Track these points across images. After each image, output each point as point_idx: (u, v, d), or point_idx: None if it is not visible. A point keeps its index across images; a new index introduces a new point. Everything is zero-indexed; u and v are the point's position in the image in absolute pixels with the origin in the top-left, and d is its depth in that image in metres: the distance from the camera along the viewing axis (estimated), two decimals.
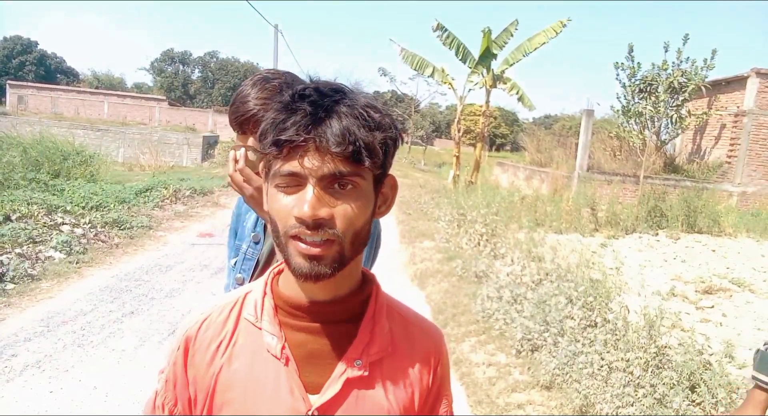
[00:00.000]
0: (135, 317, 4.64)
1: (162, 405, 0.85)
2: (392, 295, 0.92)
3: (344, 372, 0.79)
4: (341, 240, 0.72)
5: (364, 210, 0.74)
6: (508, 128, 49.94)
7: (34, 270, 5.51)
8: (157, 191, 10.69)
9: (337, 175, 0.70)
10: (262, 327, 0.81)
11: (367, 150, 0.71)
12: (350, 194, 0.72)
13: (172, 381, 0.84)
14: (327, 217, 0.70)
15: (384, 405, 0.80)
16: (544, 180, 14.97)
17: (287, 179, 0.71)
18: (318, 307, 0.79)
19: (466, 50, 14.42)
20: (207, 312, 0.86)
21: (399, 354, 0.84)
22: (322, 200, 0.70)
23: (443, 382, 0.90)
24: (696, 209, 10.46)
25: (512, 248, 6.82)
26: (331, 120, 0.69)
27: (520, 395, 3.61)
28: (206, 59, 52.03)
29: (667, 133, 14.72)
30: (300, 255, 0.72)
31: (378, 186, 0.78)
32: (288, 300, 0.80)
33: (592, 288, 4.38)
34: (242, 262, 1.44)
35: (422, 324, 0.91)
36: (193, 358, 0.82)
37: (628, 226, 10.07)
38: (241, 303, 0.85)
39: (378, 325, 0.83)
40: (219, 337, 0.82)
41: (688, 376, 3.27)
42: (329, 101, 0.71)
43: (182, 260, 6.58)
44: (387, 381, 0.81)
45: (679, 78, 13.32)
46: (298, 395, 0.77)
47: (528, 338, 4.15)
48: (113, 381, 3.50)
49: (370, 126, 0.72)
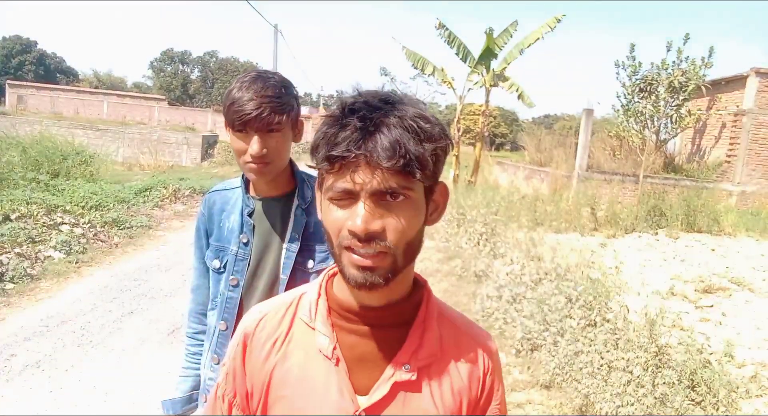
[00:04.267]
0: (134, 317, 4.63)
1: (222, 396, 0.88)
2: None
3: (393, 375, 0.80)
4: (394, 252, 0.73)
5: (416, 221, 0.76)
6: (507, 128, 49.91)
7: (34, 269, 5.51)
8: (157, 191, 10.69)
9: (389, 189, 0.71)
10: (315, 328, 0.83)
11: (418, 162, 0.71)
12: (402, 206, 0.73)
13: (231, 374, 0.88)
14: (379, 230, 0.72)
15: (431, 409, 0.81)
16: (543, 179, 14.97)
17: (341, 193, 0.72)
18: (370, 312, 0.81)
19: (466, 50, 14.44)
20: (265, 310, 0.89)
21: (448, 361, 0.85)
22: (374, 214, 0.71)
23: (493, 393, 0.89)
24: (695, 208, 10.46)
25: (512, 247, 6.81)
26: (381, 134, 0.70)
27: (519, 394, 3.61)
28: (206, 59, 51.97)
29: (666, 132, 14.72)
30: (353, 266, 0.74)
31: (429, 194, 0.79)
32: (341, 303, 0.83)
33: (591, 288, 4.38)
34: (234, 263, 1.44)
35: (473, 332, 0.91)
36: (250, 354, 0.85)
37: (628, 226, 10.06)
38: (297, 303, 0.88)
39: (428, 331, 0.84)
40: (274, 335, 0.85)
41: (688, 375, 3.27)
42: (378, 114, 0.72)
43: (182, 260, 6.57)
44: (435, 387, 0.82)
45: (680, 77, 13.32)
46: (346, 395, 0.79)
47: (528, 337, 4.15)
48: (113, 381, 3.50)
49: (421, 138, 0.72)
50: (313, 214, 1.42)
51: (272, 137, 1.32)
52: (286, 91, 1.34)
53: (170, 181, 11.85)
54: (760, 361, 4.27)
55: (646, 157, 13.13)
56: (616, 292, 4.31)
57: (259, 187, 1.45)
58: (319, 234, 1.42)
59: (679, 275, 7.00)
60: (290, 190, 1.46)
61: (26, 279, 5.25)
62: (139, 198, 9.97)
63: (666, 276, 6.89)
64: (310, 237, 1.43)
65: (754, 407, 3.43)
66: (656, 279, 6.65)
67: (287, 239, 1.42)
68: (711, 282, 6.57)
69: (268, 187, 1.44)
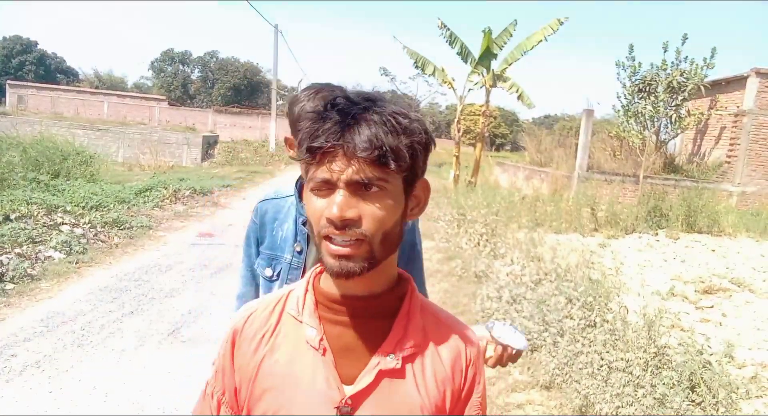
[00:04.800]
0: (135, 317, 4.64)
1: (211, 394, 0.91)
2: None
3: (378, 364, 0.83)
4: (370, 240, 0.76)
5: (393, 212, 0.78)
6: (508, 128, 49.87)
7: (34, 270, 5.51)
8: (157, 191, 10.70)
9: (364, 178, 0.74)
10: (303, 321, 0.86)
11: (394, 154, 0.74)
12: (378, 196, 0.76)
13: (221, 371, 0.90)
14: (355, 218, 0.75)
15: (415, 397, 0.83)
16: (543, 180, 14.97)
17: (320, 183, 0.76)
18: (354, 302, 0.84)
19: (467, 50, 14.47)
20: (253, 307, 0.92)
21: (432, 351, 0.87)
22: (349, 202, 0.75)
23: (475, 385, 0.91)
24: (696, 209, 10.45)
25: (512, 248, 6.81)
26: (359, 127, 0.74)
27: (519, 395, 3.62)
28: (206, 59, 51.87)
29: (666, 132, 14.72)
30: (330, 255, 0.77)
31: (409, 188, 0.81)
32: (327, 295, 0.85)
33: (591, 288, 4.38)
34: (288, 271, 1.46)
35: (455, 325, 0.94)
36: (239, 349, 0.88)
37: (628, 226, 10.06)
38: (285, 300, 0.91)
39: (412, 322, 0.87)
40: (263, 330, 0.88)
41: (688, 376, 3.26)
42: (358, 109, 0.75)
43: (182, 260, 6.57)
44: (419, 375, 0.85)
45: (678, 78, 13.32)
46: (333, 384, 0.82)
47: (527, 338, 4.15)
48: (113, 381, 3.50)
49: (397, 131, 0.75)
50: None
51: None
52: None
53: (170, 181, 11.87)
54: (760, 362, 4.27)
55: (646, 158, 13.13)
56: (616, 293, 4.31)
57: None
58: None
59: (679, 276, 7.00)
60: None
61: (26, 279, 5.26)
62: (140, 198, 9.98)
63: (666, 277, 6.89)
64: None
65: (755, 408, 3.43)
66: (656, 279, 6.65)
67: None
68: (711, 283, 6.57)
69: None
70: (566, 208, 10.31)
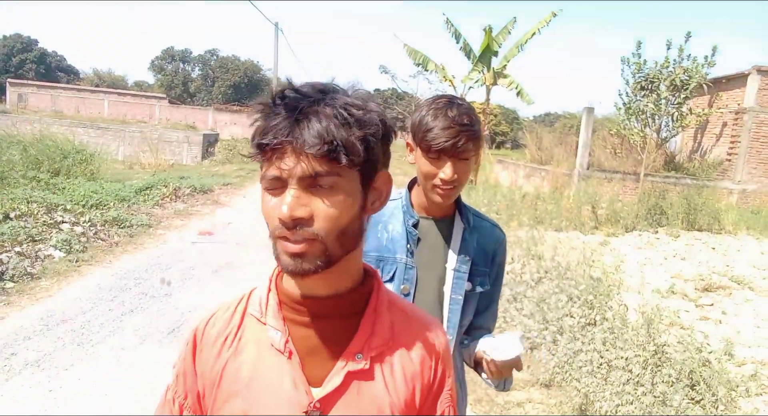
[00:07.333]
0: (135, 315, 4.64)
1: (173, 399, 0.88)
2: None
3: (345, 365, 0.80)
4: (323, 239, 0.73)
5: (348, 208, 0.75)
6: (508, 126, 49.81)
7: (34, 268, 5.51)
8: (157, 189, 10.69)
9: (314, 175, 0.71)
10: (266, 323, 0.83)
11: (345, 147, 0.71)
12: (331, 192, 0.73)
13: (182, 375, 0.87)
14: (306, 217, 0.72)
15: (385, 398, 0.81)
16: (544, 178, 14.96)
17: (271, 182, 0.73)
18: (319, 302, 0.81)
19: (469, 47, 14.51)
20: (214, 309, 0.89)
21: (400, 347, 0.85)
22: (300, 200, 0.72)
23: (445, 379, 0.90)
24: (696, 207, 10.44)
25: (512, 246, 6.81)
26: (309, 121, 0.70)
27: (519, 393, 3.62)
28: (206, 57, 51.81)
29: (667, 130, 14.69)
30: (285, 253, 0.74)
31: (368, 182, 0.78)
32: (291, 295, 0.82)
33: (592, 287, 4.38)
34: (404, 271, 1.46)
35: (423, 320, 0.91)
36: (200, 353, 0.85)
37: (629, 224, 10.06)
38: (247, 299, 0.88)
39: (379, 319, 0.84)
40: (225, 332, 0.85)
41: (688, 374, 3.27)
42: (307, 102, 0.72)
43: (182, 258, 6.58)
44: (388, 374, 0.83)
45: (681, 75, 13.28)
46: (300, 388, 0.79)
47: (527, 336, 4.15)
48: (113, 380, 3.50)
49: (349, 123, 0.72)
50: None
51: (463, 163, 1.38)
52: (476, 118, 1.40)
53: (171, 179, 11.86)
54: (759, 360, 4.27)
55: (646, 156, 13.11)
56: (616, 291, 4.31)
57: (429, 207, 1.48)
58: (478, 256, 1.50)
59: (679, 273, 7.00)
60: (451, 212, 1.51)
61: (26, 277, 5.26)
62: (140, 196, 9.98)
63: (666, 275, 6.88)
64: (473, 260, 1.49)
65: (754, 406, 3.43)
66: (657, 277, 6.64)
67: (457, 260, 1.47)
68: (711, 281, 6.57)
69: (435, 208, 1.48)
70: (567, 206, 10.30)
